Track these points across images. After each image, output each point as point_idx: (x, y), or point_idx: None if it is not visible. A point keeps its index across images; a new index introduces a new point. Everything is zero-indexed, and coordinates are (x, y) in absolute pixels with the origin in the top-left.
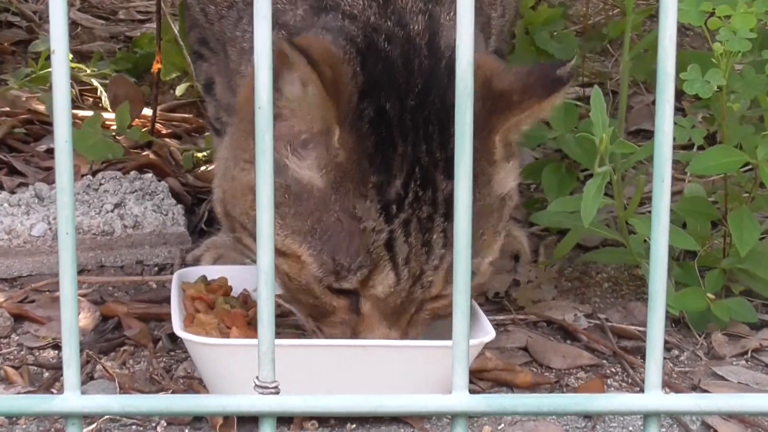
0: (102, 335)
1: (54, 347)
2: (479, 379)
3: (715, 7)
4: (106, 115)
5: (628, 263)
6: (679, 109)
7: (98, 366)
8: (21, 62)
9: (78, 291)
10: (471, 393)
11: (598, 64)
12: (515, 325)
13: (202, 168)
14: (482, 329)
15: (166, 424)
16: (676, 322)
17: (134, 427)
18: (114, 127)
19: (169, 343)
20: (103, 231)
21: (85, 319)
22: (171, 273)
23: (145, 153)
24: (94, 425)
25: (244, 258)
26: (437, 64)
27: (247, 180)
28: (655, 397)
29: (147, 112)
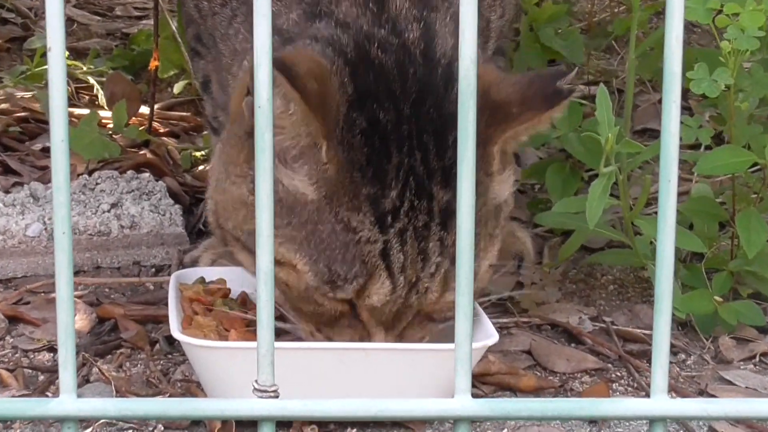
0: (98, 337)
1: (49, 350)
2: (482, 384)
3: (723, 4)
4: (103, 113)
5: (634, 265)
6: (686, 108)
7: (94, 369)
8: (16, 59)
9: (74, 292)
10: (474, 397)
11: (604, 62)
12: (519, 328)
13: (201, 167)
14: (485, 332)
15: (163, 429)
16: (682, 325)
17: (131, 431)
18: (110, 125)
19: (166, 345)
20: (100, 231)
21: (81, 321)
22: (168, 274)
23: (142, 152)
24: (90, 429)
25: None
26: (433, 72)
27: (238, 194)
28: (661, 402)
29: (144, 110)
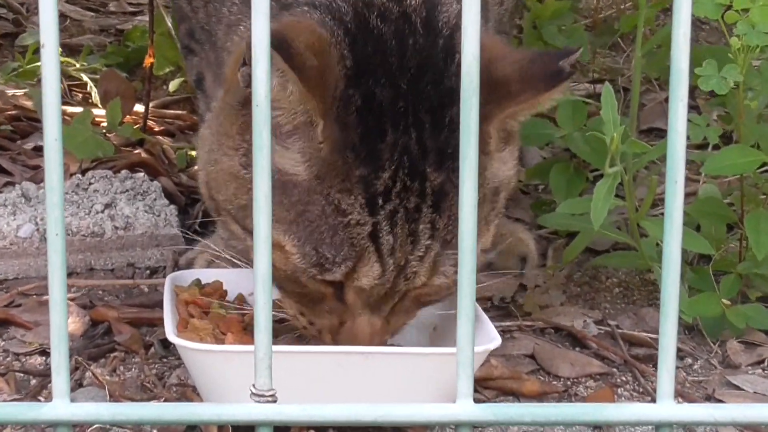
0: (91, 341)
1: (41, 353)
2: (484, 388)
3: None
4: (96, 111)
5: (640, 267)
6: (694, 107)
7: (87, 373)
8: (7, 56)
9: (66, 295)
10: (475, 402)
11: (609, 59)
12: (522, 331)
13: (196, 167)
14: (487, 336)
15: None
16: (689, 329)
17: None
18: (104, 124)
19: (161, 349)
20: (93, 232)
21: (73, 324)
22: (163, 276)
23: (136, 151)
24: None
25: (239, 260)
26: (433, 43)
27: (229, 166)
28: (668, 407)
29: (139, 108)
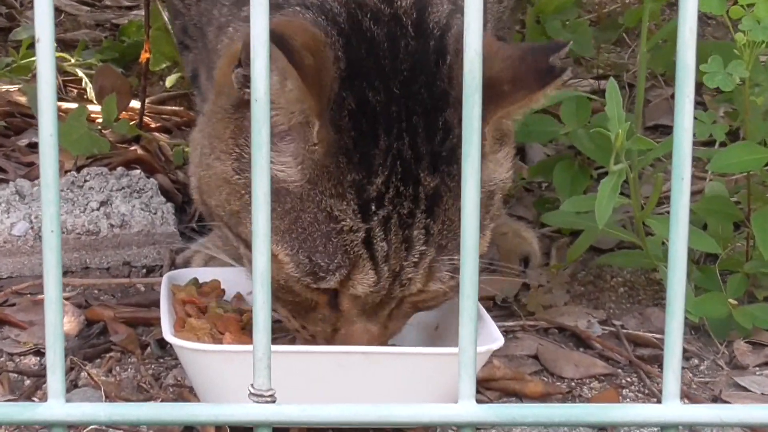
0: (87, 341)
1: (36, 353)
2: (486, 389)
3: None
4: (92, 107)
5: (645, 267)
6: (700, 104)
7: (83, 373)
8: (1, 51)
9: (62, 293)
10: (478, 403)
11: (614, 55)
12: (525, 331)
13: (188, 171)
14: (490, 336)
15: None
16: (695, 329)
17: None
18: (100, 120)
19: (157, 349)
20: (88, 230)
21: (69, 323)
22: (160, 275)
23: (132, 148)
24: None
25: (237, 259)
26: (425, 45)
27: (222, 171)
28: (673, 408)
29: (135, 104)
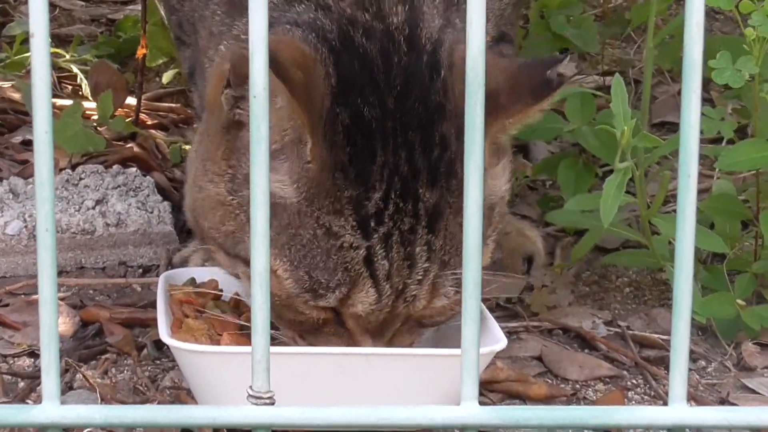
0: (82, 342)
1: (30, 355)
2: (489, 391)
3: None
4: (87, 104)
5: (651, 266)
6: (708, 100)
7: (78, 375)
8: None
9: (57, 293)
10: (480, 405)
11: (620, 50)
12: (528, 332)
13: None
14: (493, 337)
15: None
16: (703, 330)
17: None
18: (95, 117)
19: (154, 350)
20: (84, 230)
21: (63, 324)
22: (157, 275)
23: (128, 145)
24: None
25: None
26: (417, 60)
27: (215, 193)
28: (680, 411)
29: (131, 101)
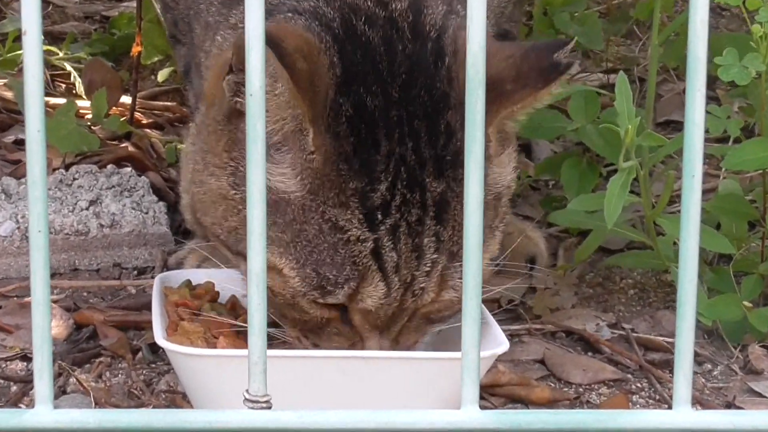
0: (76, 345)
1: (23, 358)
2: (491, 395)
3: None
4: (81, 102)
5: (656, 268)
6: (714, 98)
7: (71, 379)
8: None
9: (50, 295)
10: (482, 409)
11: (624, 48)
12: (531, 335)
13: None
14: (494, 340)
15: None
16: (709, 333)
17: None
18: (89, 116)
19: (149, 353)
20: (77, 231)
21: (57, 327)
22: (152, 277)
23: (123, 145)
24: None
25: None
26: (422, 48)
27: (217, 186)
28: (684, 414)
29: (125, 99)
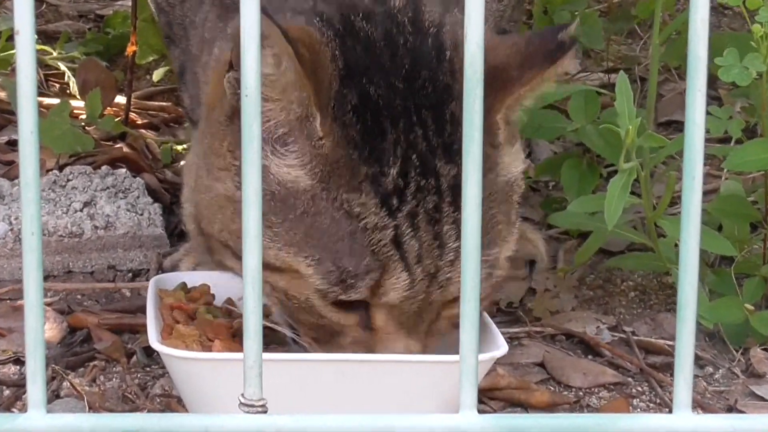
0: (69, 348)
1: (15, 362)
2: (490, 399)
3: None
4: (75, 103)
5: (657, 270)
6: (715, 98)
7: (65, 383)
8: None
9: (43, 297)
10: (480, 413)
11: (625, 47)
12: (530, 338)
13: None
14: (493, 342)
15: None
16: (710, 335)
17: None
18: (83, 116)
19: (144, 357)
20: (71, 232)
21: (50, 330)
22: (147, 279)
23: (118, 145)
24: None
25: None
26: (423, 42)
27: (224, 189)
28: (685, 418)
29: (120, 99)
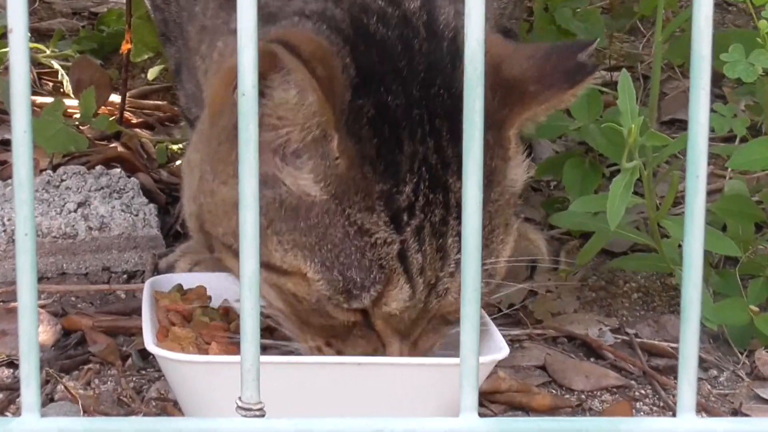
0: (63, 351)
1: (8, 365)
2: (491, 402)
3: None
4: (68, 102)
5: (661, 271)
6: (720, 96)
7: (59, 386)
8: None
9: (37, 300)
10: (481, 417)
11: (627, 45)
12: (532, 340)
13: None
14: (494, 345)
15: None
16: (714, 337)
17: None
18: (77, 115)
19: (139, 360)
20: (65, 233)
21: (44, 333)
22: (142, 281)
23: (112, 145)
24: None
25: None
26: (438, 47)
27: (230, 195)
28: (689, 421)
29: (115, 98)
